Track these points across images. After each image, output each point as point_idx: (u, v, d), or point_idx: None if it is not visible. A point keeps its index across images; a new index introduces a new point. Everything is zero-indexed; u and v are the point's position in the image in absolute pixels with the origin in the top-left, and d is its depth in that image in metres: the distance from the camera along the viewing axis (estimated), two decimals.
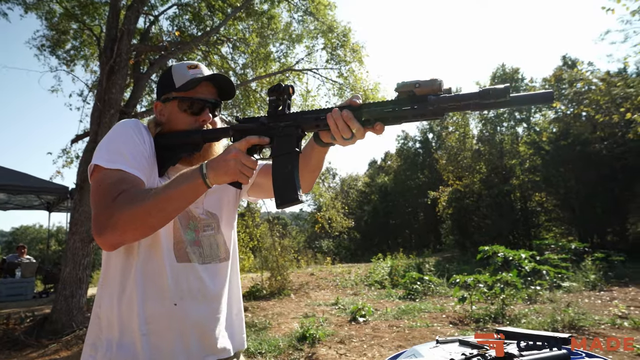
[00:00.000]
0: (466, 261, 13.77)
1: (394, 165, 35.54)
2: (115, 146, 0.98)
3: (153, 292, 0.99)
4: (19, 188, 8.19)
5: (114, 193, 0.90)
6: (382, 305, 7.17)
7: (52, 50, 10.03)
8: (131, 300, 0.99)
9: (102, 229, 0.87)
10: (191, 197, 0.91)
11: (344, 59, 10.15)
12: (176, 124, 1.08)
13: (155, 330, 0.98)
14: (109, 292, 1.02)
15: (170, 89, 1.09)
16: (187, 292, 1.01)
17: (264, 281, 9.43)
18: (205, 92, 1.10)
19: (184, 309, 1.00)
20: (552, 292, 6.98)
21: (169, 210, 0.90)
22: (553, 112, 17.96)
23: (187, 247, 1.04)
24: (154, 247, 1.00)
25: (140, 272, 0.99)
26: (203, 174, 0.89)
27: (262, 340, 4.85)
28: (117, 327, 0.98)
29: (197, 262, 1.05)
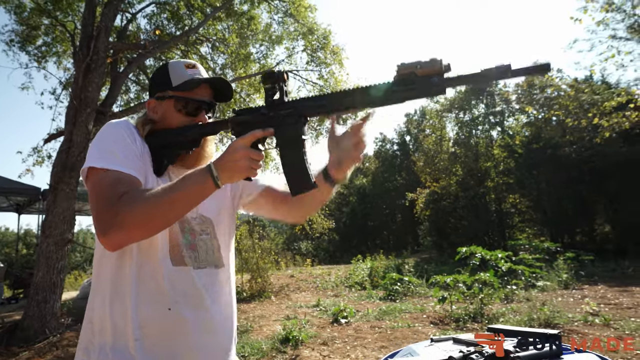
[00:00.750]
0: (444, 262, 14.04)
1: (372, 167, 35.87)
2: (107, 147, 0.96)
3: (147, 296, 0.97)
4: None
5: (117, 193, 0.88)
6: (363, 306, 7.22)
7: (22, 46, 9.64)
8: (124, 303, 0.96)
9: (107, 228, 0.85)
10: (199, 198, 0.90)
11: (325, 61, 10.20)
12: (170, 123, 1.06)
13: (148, 335, 0.96)
14: (102, 296, 1.00)
15: (166, 87, 1.06)
16: (182, 296, 0.99)
17: (244, 283, 9.34)
18: (203, 94, 1.08)
19: (178, 314, 0.98)
20: (528, 291, 7.20)
21: (176, 210, 0.89)
22: (525, 116, 18.57)
23: (183, 251, 1.02)
24: (150, 249, 0.98)
25: (134, 275, 0.97)
26: (214, 176, 0.87)
27: (244, 343, 4.80)
28: (110, 331, 0.96)
29: (192, 267, 1.03)
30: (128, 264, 0.98)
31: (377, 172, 34.37)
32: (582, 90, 11.57)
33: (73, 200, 5.51)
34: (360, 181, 35.27)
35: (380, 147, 35.31)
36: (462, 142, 19.14)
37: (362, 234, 32.30)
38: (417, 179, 22.31)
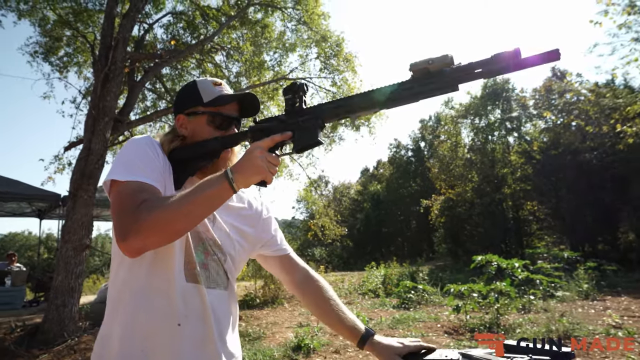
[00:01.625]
0: (459, 270, 13.82)
1: (386, 173, 35.71)
2: (130, 160, 0.98)
3: (158, 309, 0.98)
4: (9, 195, 8.08)
5: (137, 200, 0.89)
6: (377, 314, 7.16)
7: (45, 57, 9.96)
8: (134, 314, 0.98)
9: (126, 234, 0.86)
10: (216, 202, 0.91)
11: (337, 68, 10.24)
12: (201, 138, 1.09)
13: (155, 347, 0.97)
14: (112, 305, 1.02)
15: (197, 103, 1.10)
16: (192, 313, 1.00)
17: (257, 290, 9.37)
18: (233, 109, 1.12)
19: (187, 330, 0.99)
20: (546, 302, 7.02)
21: (194, 215, 0.89)
22: (543, 122, 18.24)
23: (197, 268, 1.03)
24: (166, 264, 0.99)
25: (147, 287, 0.99)
26: (229, 178, 0.88)
27: (256, 350, 4.80)
28: (117, 341, 0.98)
29: (205, 286, 1.04)
30: (142, 276, 0.99)
31: (392, 178, 34.18)
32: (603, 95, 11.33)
33: (91, 207, 5.64)
34: (374, 187, 35.13)
35: (395, 153, 35.13)
36: (478, 148, 18.89)
37: (377, 240, 32.09)
38: (432, 185, 22.10)
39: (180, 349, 0.98)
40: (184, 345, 0.98)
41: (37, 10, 9.36)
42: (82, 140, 6.20)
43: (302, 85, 1.00)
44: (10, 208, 10.99)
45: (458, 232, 19.14)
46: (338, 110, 0.95)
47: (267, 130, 0.99)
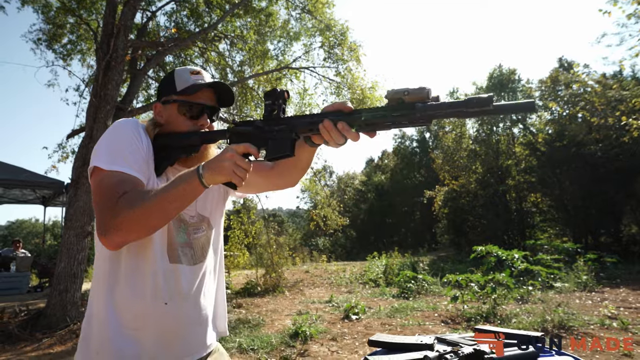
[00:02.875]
0: (461, 260, 13.85)
1: (390, 164, 35.62)
2: (115, 147, 1.00)
3: (144, 291, 1.02)
4: (13, 182, 8.18)
5: (117, 194, 0.92)
6: (376, 303, 7.22)
7: (49, 44, 9.97)
8: (122, 297, 1.01)
9: (107, 229, 0.90)
10: (189, 197, 0.93)
11: (342, 58, 10.17)
12: (175, 126, 1.11)
13: (145, 326, 1.01)
14: (100, 289, 1.05)
15: (172, 92, 1.11)
16: (177, 292, 1.05)
17: (258, 278, 9.46)
18: (205, 98, 1.13)
19: (173, 308, 1.03)
20: (544, 293, 7.05)
21: (169, 210, 0.92)
22: (549, 113, 18.04)
23: (178, 249, 1.07)
24: (147, 247, 1.03)
25: (132, 271, 1.02)
26: (199, 174, 0.91)
27: (254, 336, 4.88)
28: (106, 323, 1.01)
29: (188, 264, 1.08)
30: (126, 260, 1.02)
31: (396, 168, 34.09)
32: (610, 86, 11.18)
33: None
34: (378, 178, 35.10)
35: (400, 144, 34.97)
36: (482, 139, 18.75)
37: (380, 230, 32.15)
38: (436, 176, 22.04)
39: (168, 327, 1.02)
40: (171, 323, 1.03)
41: None
42: (85, 128, 6.25)
43: (283, 93, 1.02)
44: (14, 195, 11.12)
45: (461, 223, 19.12)
46: (312, 126, 0.97)
47: (245, 135, 1.02)
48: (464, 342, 1.14)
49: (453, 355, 0.97)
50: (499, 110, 0.80)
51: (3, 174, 8.05)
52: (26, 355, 4.63)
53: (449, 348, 1.04)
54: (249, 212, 10.00)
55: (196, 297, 1.09)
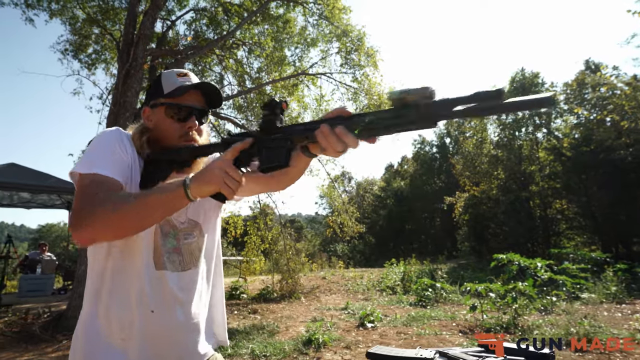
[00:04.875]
0: (482, 268, 13.49)
1: (410, 169, 35.27)
2: (96, 153, 0.99)
3: (131, 298, 1.00)
4: (40, 188, 8.45)
5: (94, 192, 0.91)
6: (392, 311, 7.09)
7: (75, 54, 10.32)
8: (108, 306, 1.00)
9: (79, 224, 0.88)
10: (169, 207, 0.90)
11: (358, 63, 10.13)
12: (163, 130, 1.09)
13: (130, 337, 0.99)
14: (89, 296, 1.04)
15: (159, 95, 1.10)
16: (163, 299, 1.02)
17: (274, 284, 9.46)
18: (193, 100, 1.10)
19: (160, 316, 1.01)
20: (569, 304, 6.77)
21: (146, 216, 0.89)
22: (575, 117, 17.49)
23: (165, 256, 1.05)
24: (134, 254, 1.01)
25: (118, 279, 1.01)
26: (185, 184, 0.87)
27: (267, 343, 4.85)
28: (92, 335, 1.00)
29: (177, 270, 1.06)
30: (115, 268, 1.01)
31: (416, 174, 33.72)
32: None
33: None
34: (398, 184, 34.79)
35: (419, 150, 34.58)
36: (504, 144, 18.31)
37: (399, 237, 31.80)
38: (457, 182, 21.67)
39: (156, 335, 1.00)
40: (159, 331, 1.01)
41: (68, 9, 9.72)
42: None
43: (281, 103, 0.98)
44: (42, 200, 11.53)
45: (482, 231, 18.68)
46: (307, 134, 0.92)
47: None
48: (465, 357, 1.08)
49: None
50: (511, 106, 0.73)
51: (31, 179, 8.34)
52: (47, 356, 4.73)
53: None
54: (266, 217, 10.02)
55: (186, 305, 1.06)
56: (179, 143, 1.08)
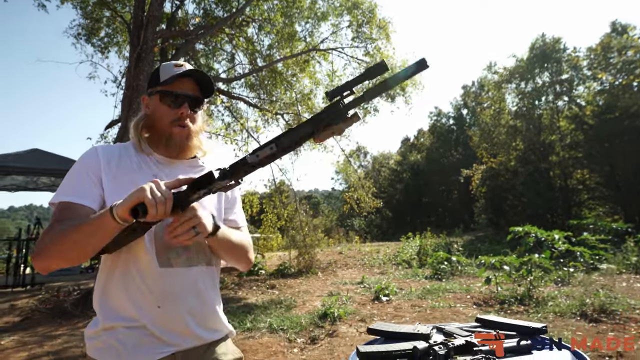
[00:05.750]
0: (499, 241, 13.44)
1: (426, 142, 34.78)
2: (66, 181, 1.08)
3: (138, 294, 1.05)
4: (61, 172, 8.73)
5: (51, 223, 1.00)
6: (408, 284, 7.19)
7: (88, 38, 10.37)
8: (119, 300, 1.06)
9: (35, 254, 0.98)
10: (101, 232, 0.92)
11: (370, 37, 9.91)
12: (157, 116, 1.14)
13: (137, 327, 1.04)
14: (100, 286, 1.10)
15: (156, 83, 1.15)
16: (169, 295, 1.06)
17: (291, 260, 9.66)
18: (186, 88, 1.14)
19: (166, 311, 1.05)
20: (587, 275, 6.73)
21: (83, 244, 0.93)
22: (598, 83, 16.80)
23: (170, 253, 1.08)
24: (139, 252, 1.06)
25: (127, 274, 1.06)
26: (111, 208, 0.90)
27: (285, 317, 5.02)
28: (103, 318, 1.06)
29: (182, 266, 1.09)
30: (123, 264, 1.07)
31: (432, 147, 33.26)
32: None
33: None
34: (414, 157, 34.43)
35: (435, 122, 33.96)
36: (523, 114, 17.80)
37: (416, 210, 31.74)
38: (474, 154, 21.30)
39: (162, 328, 1.05)
40: (164, 325, 1.05)
41: None
42: (121, 119, 6.52)
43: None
44: None
45: (500, 202, 18.47)
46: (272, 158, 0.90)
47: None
48: (459, 333, 1.12)
49: (442, 347, 0.95)
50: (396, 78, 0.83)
51: (53, 164, 8.62)
52: (79, 331, 5.02)
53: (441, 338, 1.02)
54: (282, 195, 10.15)
55: (190, 300, 1.09)
56: (171, 128, 1.13)
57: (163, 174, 1.13)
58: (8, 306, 6.45)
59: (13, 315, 5.83)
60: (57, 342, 4.50)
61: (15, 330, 5.02)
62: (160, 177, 1.05)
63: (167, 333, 1.05)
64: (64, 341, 4.55)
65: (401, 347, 0.99)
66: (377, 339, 1.26)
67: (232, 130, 10.41)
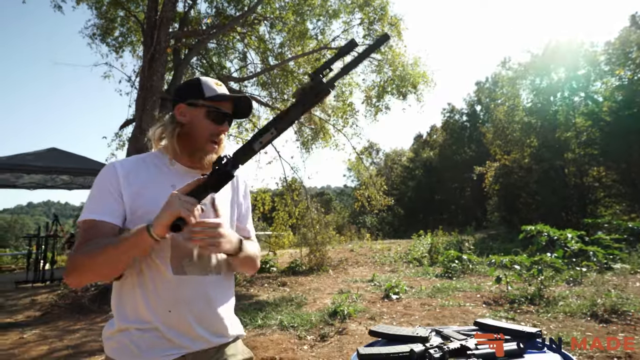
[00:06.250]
0: (511, 239, 13.32)
1: (439, 139, 34.48)
2: (90, 198, 1.15)
3: (152, 298, 1.12)
4: (79, 170, 8.96)
5: (80, 241, 1.07)
6: (418, 283, 7.21)
7: (102, 38, 10.57)
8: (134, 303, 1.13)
9: (68, 271, 1.05)
10: (135, 250, 1.02)
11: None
12: (198, 128, 1.21)
13: (150, 330, 1.11)
14: (116, 290, 1.18)
15: (199, 96, 1.21)
16: (180, 301, 1.12)
17: (302, 257, 9.75)
18: (228, 107, 1.24)
19: (176, 316, 1.12)
20: (600, 274, 6.66)
21: (115, 260, 1.03)
22: (616, 79, 16.43)
23: (184, 260, 1.14)
24: (156, 258, 1.12)
25: (142, 279, 1.13)
26: (148, 228, 0.99)
27: (295, 314, 5.11)
28: (118, 319, 1.14)
29: (196, 274, 1.16)
30: (140, 270, 1.13)
31: (445, 144, 32.96)
32: None
33: None
34: (427, 154, 34.18)
35: (448, 118, 33.62)
36: (538, 110, 17.52)
37: (429, 208, 31.55)
38: (488, 151, 21.07)
39: (173, 331, 1.12)
40: (175, 328, 1.12)
41: None
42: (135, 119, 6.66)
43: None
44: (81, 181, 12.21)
45: (513, 200, 18.25)
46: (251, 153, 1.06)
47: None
48: (456, 336, 1.16)
49: (437, 350, 1.00)
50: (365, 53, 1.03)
51: (70, 163, 8.85)
52: (97, 325, 5.19)
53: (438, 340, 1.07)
54: (293, 193, 10.23)
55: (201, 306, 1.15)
56: (207, 142, 1.21)
57: (181, 184, 1.16)
58: (29, 301, 6.68)
59: (34, 309, 6.04)
60: (76, 337, 4.67)
61: (37, 325, 5.21)
62: (178, 187, 1.10)
63: (178, 336, 1.12)
64: (83, 335, 4.71)
65: (399, 350, 1.04)
66: (378, 341, 1.31)
67: (243, 130, 10.53)
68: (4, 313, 5.89)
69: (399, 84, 10.13)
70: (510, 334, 1.15)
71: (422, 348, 1.03)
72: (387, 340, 1.27)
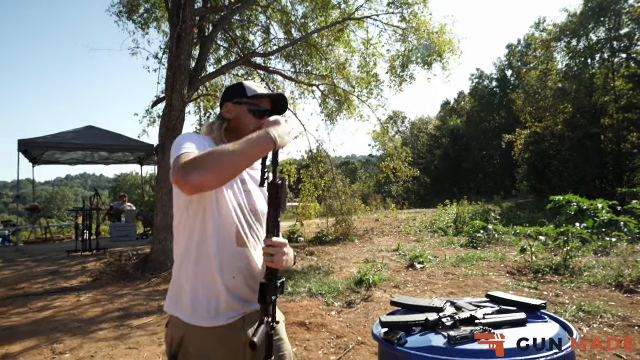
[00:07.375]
0: (541, 208, 13.12)
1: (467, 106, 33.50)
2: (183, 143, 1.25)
3: (216, 267, 1.29)
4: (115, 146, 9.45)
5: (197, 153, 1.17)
6: (443, 252, 7.35)
7: (129, 15, 10.74)
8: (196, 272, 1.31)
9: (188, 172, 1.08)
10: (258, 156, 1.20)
11: (406, 1, 9.58)
12: (242, 122, 1.42)
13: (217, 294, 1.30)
14: (179, 255, 1.36)
15: (242, 96, 1.43)
16: (242, 269, 1.33)
17: (329, 227, 10.01)
18: (266, 104, 1.47)
19: (240, 281, 1.32)
20: (630, 245, 6.58)
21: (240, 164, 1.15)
22: None
23: (244, 236, 1.34)
24: (222, 232, 1.31)
25: (207, 251, 1.30)
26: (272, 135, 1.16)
27: (323, 283, 5.39)
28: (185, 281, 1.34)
29: (251, 247, 1.35)
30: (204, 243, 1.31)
31: (473, 111, 32.06)
32: None
33: None
34: (454, 121, 33.38)
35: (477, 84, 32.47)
36: (574, 74, 16.67)
37: (455, 177, 31.16)
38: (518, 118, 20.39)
39: (235, 295, 1.32)
40: (237, 292, 1.32)
41: None
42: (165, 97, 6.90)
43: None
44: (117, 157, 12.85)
45: (543, 169, 17.77)
46: None
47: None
48: (467, 307, 1.31)
49: (449, 319, 1.16)
50: None
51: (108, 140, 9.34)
52: (141, 291, 5.65)
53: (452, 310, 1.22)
54: (318, 165, 10.39)
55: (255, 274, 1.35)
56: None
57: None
58: (80, 268, 7.28)
59: (85, 276, 6.60)
60: (124, 300, 5.12)
61: (89, 289, 5.73)
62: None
63: (239, 300, 1.32)
64: (129, 299, 5.17)
65: (416, 318, 1.20)
66: (398, 310, 1.48)
67: None
68: (61, 278, 6.47)
69: (424, 53, 9.92)
70: (517, 305, 1.29)
71: (436, 317, 1.19)
72: (406, 309, 1.43)
